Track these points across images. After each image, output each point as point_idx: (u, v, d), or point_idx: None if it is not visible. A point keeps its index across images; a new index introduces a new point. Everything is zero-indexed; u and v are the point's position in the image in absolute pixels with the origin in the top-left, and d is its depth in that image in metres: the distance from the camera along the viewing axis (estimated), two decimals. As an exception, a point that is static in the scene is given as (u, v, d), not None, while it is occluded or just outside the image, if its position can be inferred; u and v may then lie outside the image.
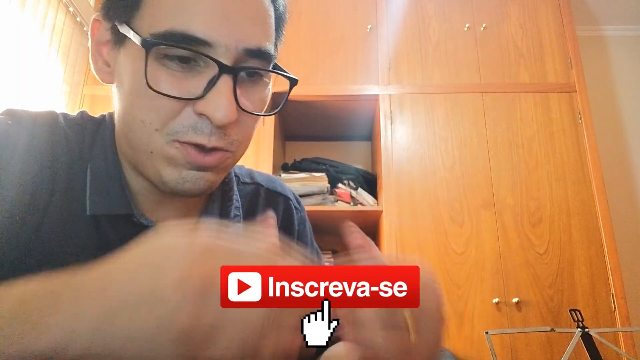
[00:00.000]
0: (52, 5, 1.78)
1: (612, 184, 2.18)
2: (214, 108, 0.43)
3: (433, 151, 1.91)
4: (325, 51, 2.08)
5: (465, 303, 1.70)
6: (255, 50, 0.45)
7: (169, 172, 0.45)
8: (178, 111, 0.44)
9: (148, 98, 0.43)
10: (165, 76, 0.43)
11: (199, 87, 0.43)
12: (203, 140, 0.44)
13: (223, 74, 0.43)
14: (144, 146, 0.45)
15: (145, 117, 0.44)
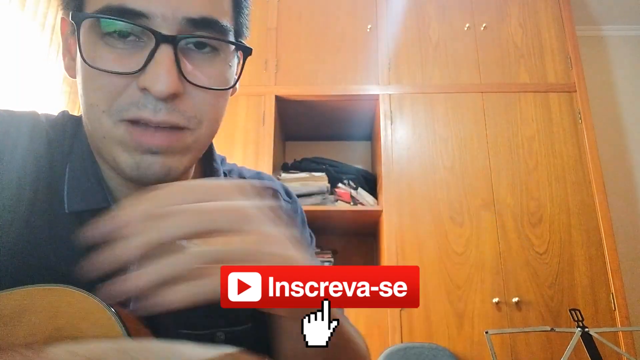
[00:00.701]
0: (52, 5, 1.78)
1: (612, 184, 2.18)
2: (153, 79, 0.41)
3: (433, 151, 1.91)
4: (325, 51, 2.08)
5: (465, 303, 1.70)
6: (198, 20, 0.43)
7: (123, 157, 0.44)
8: (122, 89, 0.42)
9: (92, 78, 0.43)
10: (107, 54, 0.42)
11: (140, 61, 0.41)
12: (148, 115, 0.42)
13: (161, 44, 0.41)
14: (97, 131, 0.44)
15: (93, 99, 0.43)
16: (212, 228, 0.31)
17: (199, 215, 0.31)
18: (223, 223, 0.32)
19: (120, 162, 0.44)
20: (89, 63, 0.42)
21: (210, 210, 0.32)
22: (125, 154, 0.43)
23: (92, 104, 0.43)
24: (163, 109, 0.42)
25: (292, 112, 2.13)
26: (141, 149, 0.43)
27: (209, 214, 0.32)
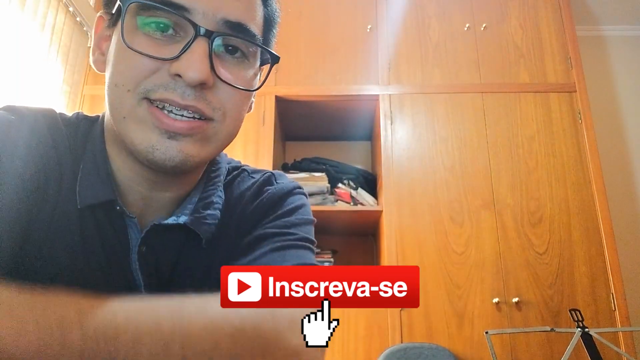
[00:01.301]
0: (52, 5, 1.78)
1: (612, 184, 2.18)
2: (186, 66, 0.43)
3: (433, 151, 1.91)
4: (325, 51, 2.08)
5: (465, 303, 1.70)
6: (235, 23, 0.47)
7: (140, 137, 0.45)
8: (152, 72, 0.44)
9: (125, 59, 0.45)
10: (145, 40, 0.44)
11: (175, 51, 0.44)
12: (175, 97, 0.44)
13: (198, 37, 0.44)
14: (118, 112, 0.46)
15: (120, 79, 0.45)
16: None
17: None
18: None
19: (137, 143, 0.45)
20: (127, 43, 0.44)
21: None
22: (143, 134, 0.45)
23: (118, 83, 0.45)
24: (191, 95, 0.44)
25: (292, 112, 2.13)
26: (159, 130, 0.44)
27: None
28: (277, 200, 0.57)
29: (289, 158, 2.32)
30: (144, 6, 0.44)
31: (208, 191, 0.55)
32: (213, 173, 0.57)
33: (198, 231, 0.52)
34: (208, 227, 0.52)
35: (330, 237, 2.19)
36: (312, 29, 2.11)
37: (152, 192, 0.52)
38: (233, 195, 0.58)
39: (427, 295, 1.71)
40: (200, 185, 0.56)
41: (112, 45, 0.48)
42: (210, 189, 0.55)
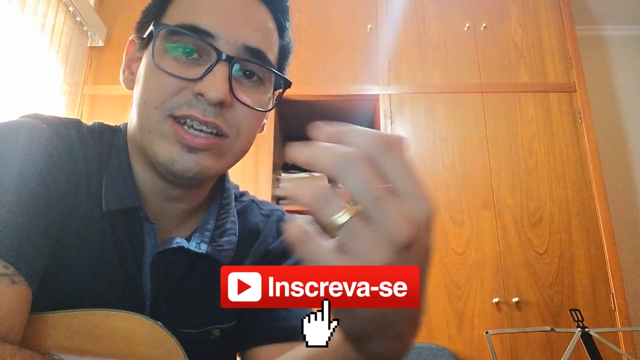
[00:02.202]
0: (52, 5, 1.78)
1: (612, 184, 2.18)
2: (208, 86, 0.48)
3: (433, 151, 1.91)
4: (325, 51, 2.08)
5: (465, 303, 1.70)
6: (254, 49, 0.52)
7: (163, 150, 0.50)
8: (177, 91, 0.49)
9: (153, 79, 0.50)
10: (172, 63, 0.50)
11: (199, 73, 0.49)
12: (197, 114, 0.49)
13: (220, 61, 0.49)
14: (145, 126, 0.51)
15: (148, 96, 0.50)
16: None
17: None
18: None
19: (160, 155, 0.50)
20: (157, 64, 0.49)
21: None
22: (166, 147, 0.50)
23: (147, 100, 0.50)
24: (212, 113, 0.49)
25: (292, 112, 2.12)
26: (180, 145, 0.49)
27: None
28: None
29: (289, 158, 2.32)
30: (173, 32, 0.50)
31: (222, 219, 0.60)
32: (224, 200, 0.62)
33: (219, 259, 0.56)
34: (226, 253, 0.57)
35: (330, 237, 2.19)
36: (312, 29, 2.11)
37: (166, 203, 0.56)
38: (247, 225, 0.64)
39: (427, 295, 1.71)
40: (214, 210, 0.60)
41: (142, 66, 0.53)
42: (224, 217, 0.60)
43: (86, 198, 0.50)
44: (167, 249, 0.53)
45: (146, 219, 0.53)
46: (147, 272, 0.52)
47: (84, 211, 0.50)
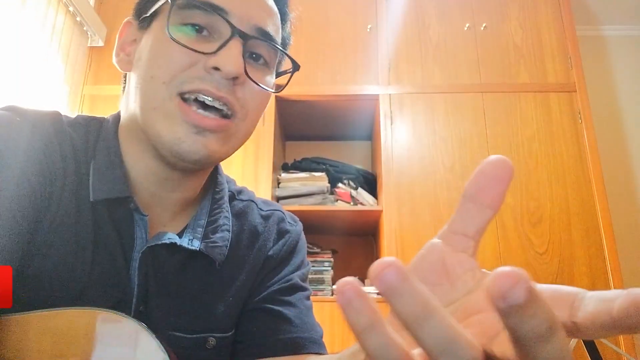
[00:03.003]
0: (52, 5, 1.78)
1: (612, 184, 2.18)
2: (225, 60, 0.47)
3: (433, 151, 1.91)
4: (325, 51, 2.08)
5: (465, 303, 1.70)
6: (265, 32, 0.52)
7: (167, 130, 0.48)
8: (189, 65, 0.48)
9: (164, 53, 0.49)
10: (183, 37, 0.48)
11: (212, 48, 0.48)
12: (210, 88, 0.47)
13: (235, 36, 0.48)
14: (149, 103, 0.49)
15: (156, 71, 0.48)
16: None
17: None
18: None
19: (164, 135, 0.48)
20: (172, 35, 0.47)
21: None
22: (171, 127, 0.48)
23: (154, 76, 0.48)
24: (225, 87, 0.48)
25: (292, 112, 2.12)
26: (187, 124, 0.47)
27: None
28: (295, 246, 0.65)
29: (289, 158, 2.32)
30: (185, 5, 0.48)
31: (215, 214, 0.58)
32: (217, 194, 0.60)
33: (212, 257, 0.54)
34: (220, 249, 0.55)
35: (330, 237, 2.19)
36: (312, 29, 2.11)
37: (161, 191, 0.54)
38: (247, 227, 0.62)
39: (427, 295, 1.71)
40: (206, 205, 0.58)
41: (145, 45, 0.51)
42: (217, 212, 0.58)
43: (61, 190, 0.47)
44: (158, 244, 0.50)
45: (136, 209, 0.50)
46: (135, 267, 0.50)
47: (60, 204, 0.47)
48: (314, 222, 2.01)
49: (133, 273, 0.50)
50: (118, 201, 0.50)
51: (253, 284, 0.60)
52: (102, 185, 0.49)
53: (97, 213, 0.49)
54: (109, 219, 0.50)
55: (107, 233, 0.49)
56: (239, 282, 0.58)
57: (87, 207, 0.49)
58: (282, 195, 1.97)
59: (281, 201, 1.96)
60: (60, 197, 0.47)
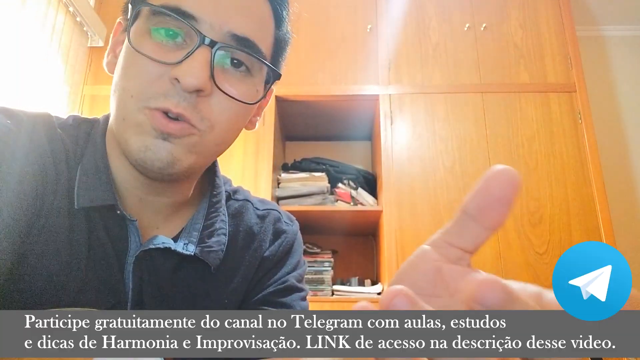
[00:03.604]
0: (52, 5, 1.78)
1: (612, 184, 2.18)
2: (186, 71, 0.44)
3: (433, 151, 1.91)
4: (325, 51, 2.08)
5: (465, 303, 1.70)
6: (241, 38, 0.48)
7: (134, 139, 0.46)
8: (155, 78, 0.46)
9: (131, 64, 0.47)
10: (152, 45, 0.46)
11: (179, 57, 0.45)
12: (170, 105, 0.45)
13: (202, 45, 0.45)
14: (120, 114, 0.47)
15: (126, 84, 0.47)
16: None
17: None
18: None
19: (131, 144, 0.46)
20: (134, 46, 0.46)
21: None
22: (138, 136, 0.46)
23: (124, 87, 0.47)
24: (184, 103, 0.45)
25: (292, 112, 2.12)
26: (154, 133, 0.46)
27: None
28: (291, 246, 0.65)
29: (289, 158, 2.32)
30: (154, 12, 0.46)
31: (212, 218, 0.57)
32: (214, 198, 0.59)
33: (207, 261, 0.53)
34: (215, 254, 0.55)
35: (330, 237, 2.19)
36: (312, 28, 2.11)
37: (148, 195, 0.53)
38: (243, 228, 0.61)
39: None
40: (203, 208, 0.58)
41: (122, 49, 0.50)
42: (213, 215, 0.57)
43: (54, 195, 0.47)
44: (152, 248, 0.50)
45: (123, 216, 0.50)
46: (129, 271, 0.49)
47: (52, 208, 0.46)
48: (314, 222, 2.01)
49: (127, 277, 0.49)
50: (104, 208, 0.49)
51: (249, 285, 0.59)
52: (87, 192, 0.48)
53: (89, 218, 0.49)
54: (101, 223, 0.49)
55: (100, 238, 0.49)
56: (234, 284, 0.58)
57: (80, 212, 0.48)
58: (282, 195, 1.97)
59: (281, 201, 1.96)
60: (53, 202, 0.47)
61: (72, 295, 0.46)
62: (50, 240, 0.46)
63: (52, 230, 0.46)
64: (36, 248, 0.45)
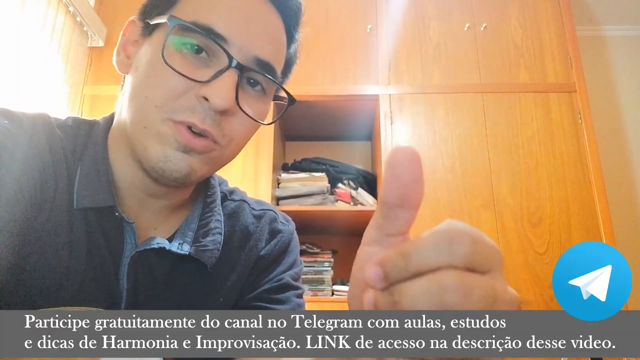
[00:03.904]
0: (52, 5, 1.78)
1: (612, 184, 2.18)
2: (215, 92, 0.46)
3: (433, 151, 1.91)
4: (325, 51, 2.08)
5: (465, 303, 1.70)
6: (264, 62, 0.51)
7: (156, 148, 0.47)
8: (181, 92, 0.47)
9: (158, 75, 0.48)
10: (180, 60, 0.48)
11: (206, 75, 0.47)
12: (196, 120, 0.47)
13: (231, 67, 0.47)
14: (140, 121, 0.48)
15: (150, 93, 0.48)
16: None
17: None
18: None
19: (151, 152, 0.47)
20: (167, 62, 0.46)
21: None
22: (159, 146, 0.47)
23: (148, 97, 0.48)
24: (210, 120, 0.47)
25: (292, 112, 2.11)
26: (176, 145, 0.47)
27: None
28: (287, 246, 0.66)
29: (289, 158, 2.32)
30: (184, 27, 0.47)
31: (206, 218, 0.58)
32: (209, 198, 0.60)
33: (203, 260, 0.54)
34: (211, 253, 0.55)
35: (330, 237, 2.19)
36: (312, 29, 2.10)
37: (148, 197, 0.54)
38: (237, 227, 0.62)
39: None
40: (197, 208, 0.59)
41: (144, 54, 0.51)
42: (208, 215, 0.58)
43: (54, 195, 0.47)
44: (147, 249, 0.50)
45: (121, 217, 0.50)
46: (124, 272, 0.50)
47: (52, 208, 0.47)
48: (314, 222, 2.01)
49: (122, 278, 0.50)
50: (103, 210, 0.50)
51: (244, 284, 0.60)
52: (87, 193, 0.49)
53: (87, 218, 0.49)
54: (98, 225, 0.50)
55: (97, 239, 0.49)
56: (230, 283, 0.58)
57: (79, 212, 0.49)
58: (282, 195, 1.97)
59: (281, 201, 1.96)
60: (53, 203, 0.47)
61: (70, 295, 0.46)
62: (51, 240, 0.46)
63: (52, 230, 0.46)
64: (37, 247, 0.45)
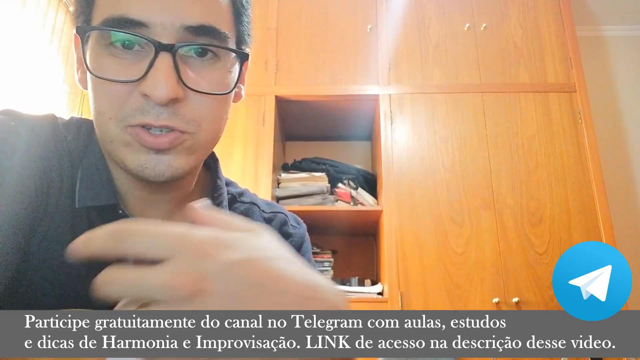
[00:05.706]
0: (52, 5, 1.78)
1: (612, 184, 2.18)
2: (152, 86, 0.42)
3: (433, 151, 1.91)
4: (325, 51, 2.08)
5: (465, 303, 1.70)
6: (197, 27, 0.45)
7: (130, 158, 0.46)
8: (126, 96, 0.44)
9: (98, 87, 0.45)
10: (111, 63, 0.44)
11: (142, 70, 0.43)
12: (150, 120, 0.44)
13: (160, 52, 0.43)
14: (106, 137, 0.47)
15: (100, 106, 0.46)
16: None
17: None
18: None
19: (128, 164, 0.46)
20: (94, 73, 0.44)
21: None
22: (132, 155, 0.45)
23: (100, 112, 0.46)
24: (164, 114, 0.44)
25: (292, 112, 2.13)
26: (146, 149, 0.45)
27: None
28: (298, 249, 0.64)
29: (289, 158, 2.32)
30: (106, 25, 0.44)
31: (217, 207, 0.56)
32: (216, 200, 0.58)
33: None
34: None
35: (330, 237, 2.19)
36: (312, 29, 2.11)
37: (151, 195, 0.53)
38: None
39: (427, 295, 1.71)
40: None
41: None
42: (218, 206, 0.57)
43: (58, 195, 0.47)
44: None
45: (125, 215, 0.49)
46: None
47: (57, 207, 0.47)
48: (314, 222, 2.01)
49: None
50: (105, 208, 0.49)
51: None
52: (88, 192, 0.48)
53: (90, 217, 0.49)
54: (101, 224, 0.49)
55: None
56: None
57: (82, 211, 0.48)
58: (282, 195, 1.97)
59: (281, 201, 1.96)
60: (57, 202, 0.47)
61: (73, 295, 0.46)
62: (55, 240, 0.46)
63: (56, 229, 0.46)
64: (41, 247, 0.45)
